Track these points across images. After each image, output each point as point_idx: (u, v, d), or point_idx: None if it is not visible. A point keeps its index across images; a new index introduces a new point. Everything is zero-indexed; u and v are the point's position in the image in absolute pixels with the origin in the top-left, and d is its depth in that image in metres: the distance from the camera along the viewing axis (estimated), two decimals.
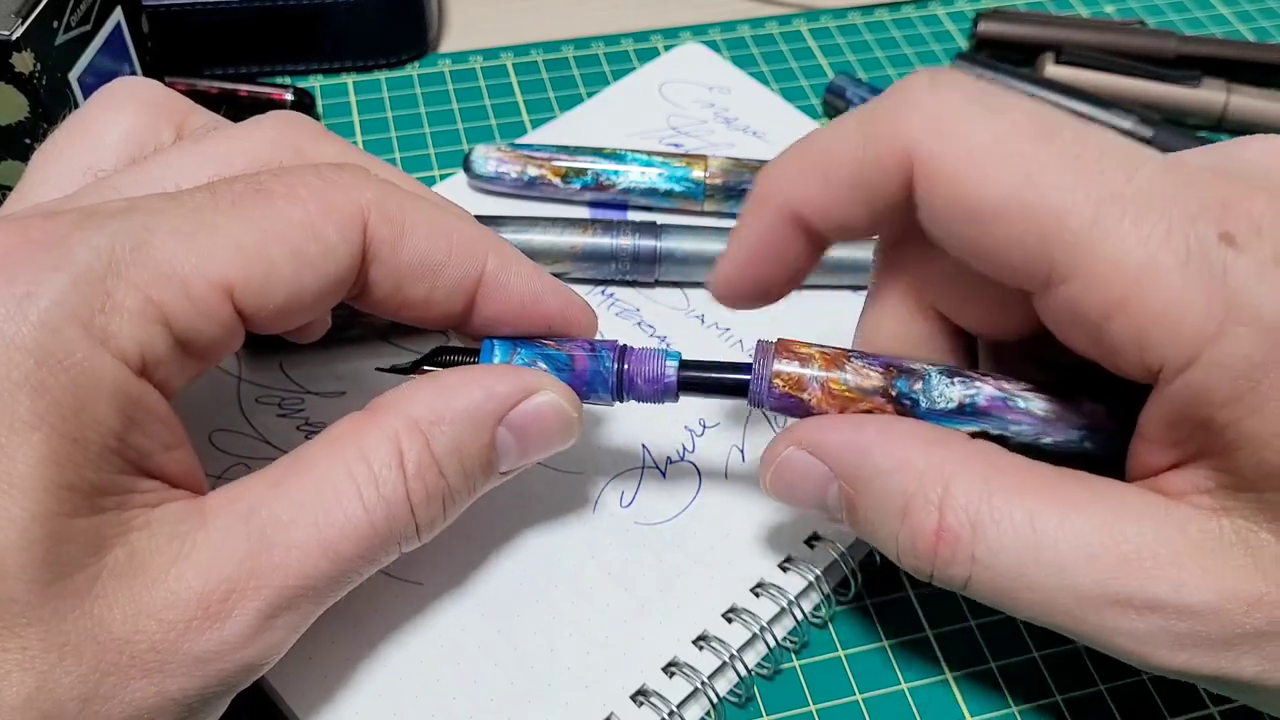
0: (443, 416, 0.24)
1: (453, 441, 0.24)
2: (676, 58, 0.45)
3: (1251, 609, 0.21)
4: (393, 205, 0.24)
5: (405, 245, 0.24)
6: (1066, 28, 0.47)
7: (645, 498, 0.31)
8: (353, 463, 0.23)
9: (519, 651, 0.28)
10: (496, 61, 0.47)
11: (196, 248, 0.21)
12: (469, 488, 0.25)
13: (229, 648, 0.21)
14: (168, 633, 0.20)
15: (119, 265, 0.20)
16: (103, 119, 0.26)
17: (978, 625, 0.30)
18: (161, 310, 0.21)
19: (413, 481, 0.23)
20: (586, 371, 0.26)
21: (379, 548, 0.23)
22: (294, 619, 0.22)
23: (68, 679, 0.19)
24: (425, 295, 0.25)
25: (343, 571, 0.23)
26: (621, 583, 0.29)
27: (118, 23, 0.38)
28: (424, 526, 0.24)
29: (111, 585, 0.20)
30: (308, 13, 0.44)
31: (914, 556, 0.24)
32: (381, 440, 0.23)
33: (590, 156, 0.39)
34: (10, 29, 0.32)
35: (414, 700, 0.27)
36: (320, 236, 0.22)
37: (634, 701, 0.27)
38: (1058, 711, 0.29)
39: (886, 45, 0.49)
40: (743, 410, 0.33)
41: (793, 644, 0.29)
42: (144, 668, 0.20)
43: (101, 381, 0.20)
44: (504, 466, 0.25)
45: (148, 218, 0.21)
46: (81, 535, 0.20)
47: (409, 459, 0.23)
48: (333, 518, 0.22)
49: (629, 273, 0.36)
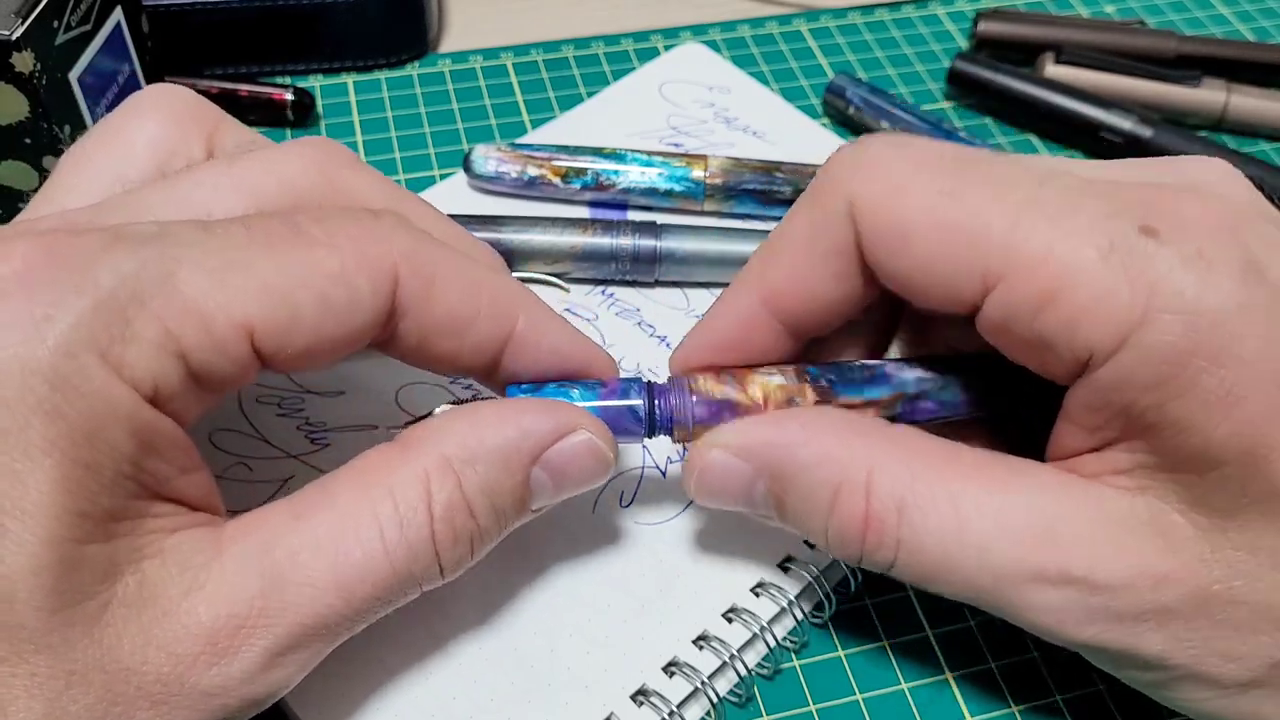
0: (476, 455, 0.23)
1: (485, 481, 0.23)
2: (676, 58, 0.45)
3: (1159, 585, 0.22)
4: (425, 258, 0.23)
5: (436, 300, 0.24)
6: (1066, 28, 0.47)
7: (645, 498, 0.31)
8: (378, 500, 0.22)
9: (519, 651, 0.28)
10: (496, 61, 0.47)
11: (223, 284, 0.21)
12: (499, 527, 0.24)
13: (235, 683, 0.21)
14: (175, 666, 0.20)
15: (142, 294, 0.20)
16: (132, 126, 0.26)
17: (977, 625, 0.30)
18: (179, 344, 0.20)
19: (439, 524, 0.23)
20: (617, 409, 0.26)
21: (397, 589, 0.23)
22: (304, 656, 0.22)
23: (74, 707, 0.19)
24: (453, 350, 0.25)
25: (358, 611, 0.22)
26: (621, 583, 0.29)
27: (118, 23, 0.38)
28: (448, 568, 0.23)
29: (121, 614, 0.20)
30: (308, 13, 0.44)
31: (842, 545, 0.25)
32: (410, 479, 0.22)
33: (590, 156, 0.39)
34: (10, 29, 0.32)
35: (414, 700, 0.27)
36: (350, 286, 0.22)
37: (634, 701, 0.27)
38: (1058, 711, 0.29)
39: (886, 45, 0.49)
40: None
41: (793, 644, 0.29)
42: (150, 699, 0.20)
43: (116, 408, 0.20)
44: (536, 504, 0.25)
45: (177, 248, 0.21)
46: (93, 562, 0.20)
47: (437, 500, 0.22)
48: (352, 557, 0.22)
49: (629, 273, 0.36)
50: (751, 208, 0.39)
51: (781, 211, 0.39)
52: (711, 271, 0.36)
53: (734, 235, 0.36)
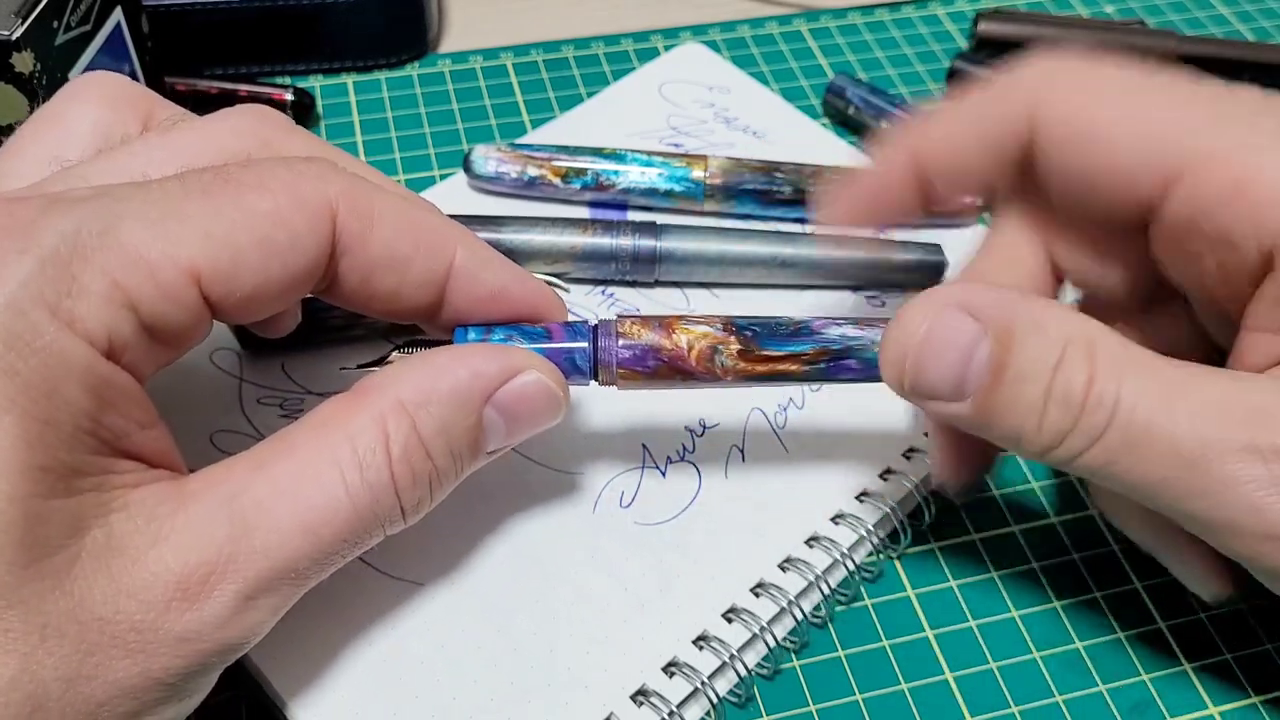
0: (429, 397, 0.23)
1: (440, 422, 0.24)
2: (676, 58, 0.45)
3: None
4: (361, 198, 0.24)
5: (374, 238, 0.24)
6: (1066, 28, 0.47)
7: (645, 498, 0.31)
8: (337, 446, 0.23)
9: (519, 651, 0.28)
10: (496, 61, 0.47)
11: (164, 234, 0.21)
12: (456, 469, 0.25)
13: (209, 628, 0.21)
14: (147, 613, 0.20)
15: (85, 250, 0.20)
16: (70, 111, 0.26)
17: (978, 625, 0.30)
18: (128, 295, 0.21)
19: (398, 465, 0.23)
20: (563, 351, 0.26)
21: (362, 531, 0.23)
22: (275, 600, 0.22)
23: (50, 660, 0.19)
24: (394, 288, 0.25)
25: (324, 554, 0.23)
26: (621, 583, 0.29)
27: (118, 23, 0.38)
28: (409, 509, 0.24)
29: (90, 566, 0.20)
30: (308, 13, 0.44)
31: (1065, 407, 0.23)
32: (367, 423, 0.23)
33: (590, 156, 0.39)
34: (10, 29, 0.32)
35: (414, 700, 0.27)
36: (288, 227, 0.23)
37: (634, 701, 0.27)
38: (1058, 711, 0.29)
39: (886, 45, 0.49)
40: (743, 410, 0.33)
41: (793, 644, 0.29)
42: (126, 648, 0.20)
43: (70, 363, 0.20)
44: (491, 446, 0.25)
45: (115, 204, 0.21)
46: (58, 517, 0.20)
47: (395, 442, 0.23)
48: (314, 501, 0.22)
49: (629, 273, 0.36)
50: (751, 208, 0.39)
51: (782, 212, 0.39)
52: (711, 271, 0.36)
53: (734, 235, 0.36)
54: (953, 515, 0.33)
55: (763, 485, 0.31)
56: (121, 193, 0.22)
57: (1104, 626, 0.30)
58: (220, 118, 0.26)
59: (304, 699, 0.27)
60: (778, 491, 0.31)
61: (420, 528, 0.30)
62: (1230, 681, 0.29)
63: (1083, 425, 0.23)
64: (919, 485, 0.31)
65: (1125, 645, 0.30)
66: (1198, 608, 0.31)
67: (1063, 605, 0.31)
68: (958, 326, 0.24)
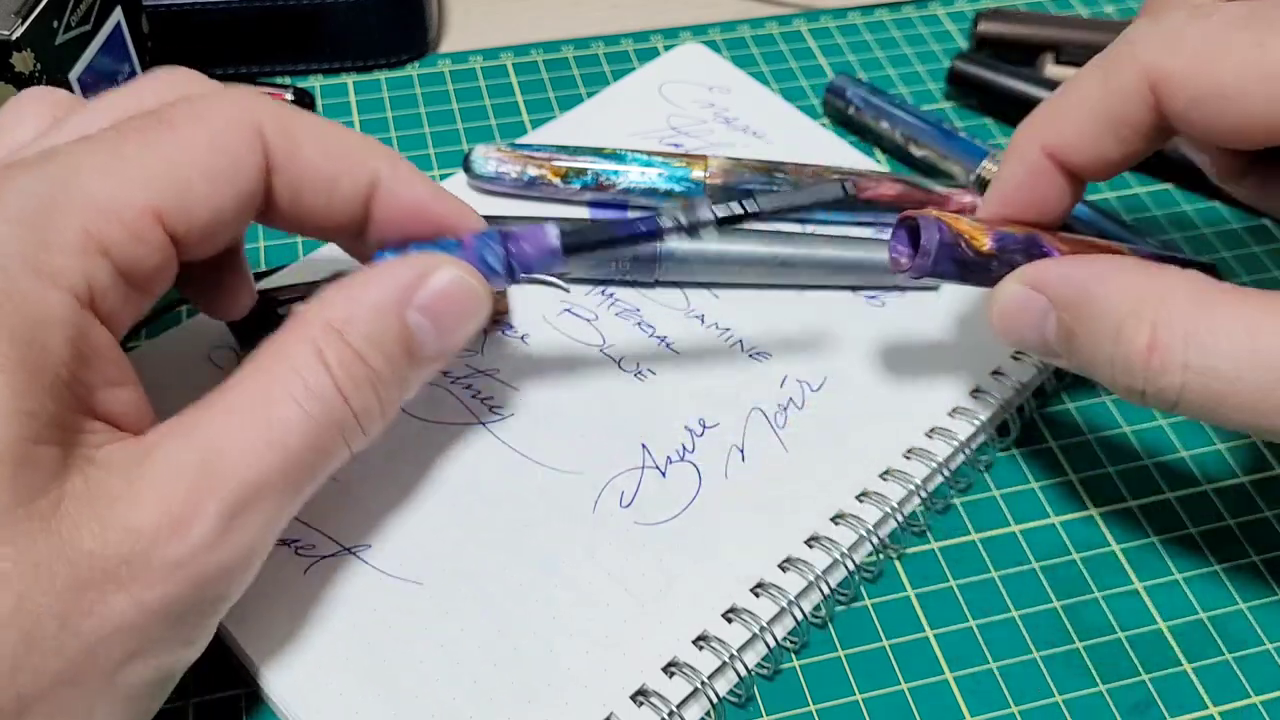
0: (353, 314, 0.24)
1: (367, 332, 0.24)
2: (676, 58, 0.45)
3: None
4: (285, 119, 0.26)
5: (301, 155, 0.26)
6: (1066, 28, 0.47)
7: (645, 498, 0.31)
8: (279, 369, 0.24)
9: (519, 651, 0.28)
10: (496, 61, 0.47)
11: (120, 179, 0.23)
12: (396, 375, 0.25)
13: (199, 550, 0.22)
14: (135, 543, 0.21)
15: (52, 205, 0.22)
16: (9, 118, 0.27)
17: (978, 625, 0.30)
18: (100, 242, 0.22)
19: (337, 374, 0.24)
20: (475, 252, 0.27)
21: (323, 438, 0.24)
22: (258, 519, 0.23)
23: (45, 598, 0.20)
24: (325, 204, 0.26)
25: (293, 465, 0.23)
26: (621, 583, 0.29)
27: (118, 23, 0.38)
28: (362, 414, 0.24)
29: (75, 507, 0.21)
30: (308, 13, 0.44)
31: (1128, 373, 0.26)
32: (304, 349, 0.24)
33: (590, 156, 0.39)
34: (10, 29, 0.32)
35: (414, 700, 0.27)
36: (227, 151, 0.24)
37: (634, 701, 0.27)
38: (1058, 711, 0.29)
39: (886, 45, 0.49)
40: (743, 410, 0.33)
41: (793, 644, 0.29)
42: (118, 581, 0.21)
43: (51, 314, 0.21)
44: (428, 350, 0.26)
45: (67, 159, 0.23)
46: (44, 462, 0.20)
47: (329, 356, 0.24)
48: (271, 418, 0.23)
49: (629, 273, 0.36)
50: None
51: None
52: (711, 271, 0.36)
53: (734, 235, 0.36)
54: (953, 515, 0.33)
55: (763, 485, 0.31)
56: (69, 149, 0.23)
57: (1104, 626, 0.30)
58: (136, 81, 0.27)
59: (304, 698, 0.27)
60: (777, 491, 0.31)
61: (420, 528, 0.30)
62: (1230, 681, 0.29)
63: (1153, 390, 0.26)
64: (919, 485, 0.31)
65: (1125, 645, 0.30)
66: (1198, 608, 0.31)
67: (1063, 605, 0.31)
68: (1025, 302, 0.28)
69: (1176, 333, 0.25)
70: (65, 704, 0.21)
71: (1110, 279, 0.26)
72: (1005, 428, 0.34)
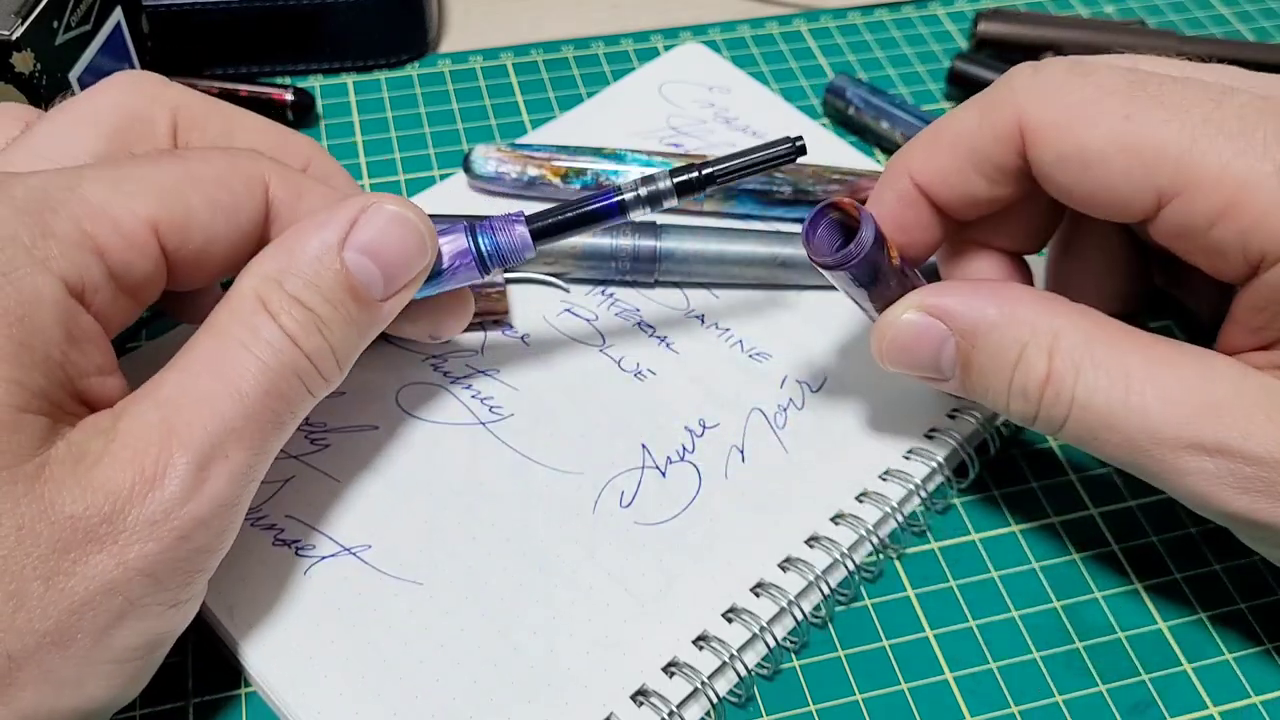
0: (290, 263, 0.25)
1: (306, 278, 0.25)
2: (676, 58, 0.45)
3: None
4: (290, 176, 0.27)
5: (301, 208, 0.27)
6: (1066, 28, 0.47)
7: (645, 498, 0.31)
8: (228, 324, 0.24)
9: (519, 651, 0.28)
10: (496, 61, 0.47)
11: (123, 189, 0.24)
12: (345, 316, 0.25)
13: (175, 504, 0.22)
14: (114, 503, 0.21)
15: (54, 203, 0.23)
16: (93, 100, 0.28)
17: (978, 625, 0.30)
18: (96, 242, 0.23)
19: (283, 319, 0.24)
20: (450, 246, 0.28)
21: (280, 383, 0.24)
22: (229, 466, 0.23)
23: (29, 560, 0.21)
24: None
25: (255, 411, 0.24)
26: (621, 583, 0.29)
27: (118, 23, 0.38)
28: (314, 356, 0.25)
29: (57, 472, 0.21)
30: (308, 13, 0.44)
31: (1024, 400, 0.27)
32: (246, 300, 0.24)
33: (590, 156, 0.39)
34: (10, 29, 0.32)
35: (414, 700, 0.27)
36: (230, 190, 0.25)
37: (634, 701, 0.27)
38: (1058, 711, 0.29)
39: (886, 45, 0.49)
40: (743, 410, 0.33)
41: (793, 644, 0.29)
42: (99, 541, 0.21)
43: (43, 295, 0.22)
44: (375, 290, 0.26)
45: (80, 169, 0.24)
46: (30, 429, 0.21)
47: (271, 304, 0.24)
48: (227, 369, 0.24)
49: (629, 273, 0.36)
50: (751, 208, 0.39)
51: (781, 211, 0.39)
52: (711, 271, 0.36)
53: (734, 235, 0.36)
54: (953, 515, 0.33)
55: (762, 485, 0.31)
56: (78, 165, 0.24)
57: (1104, 626, 0.30)
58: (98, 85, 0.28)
59: (304, 698, 0.27)
60: (778, 491, 0.31)
61: (420, 528, 0.30)
62: (1230, 681, 0.29)
63: (1043, 416, 0.27)
64: (919, 485, 0.31)
65: (1125, 645, 0.30)
66: (1198, 608, 0.31)
67: (1063, 605, 0.31)
68: (922, 329, 0.28)
69: (1070, 365, 0.26)
70: (54, 668, 0.21)
71: (1009, 307, 0.27)
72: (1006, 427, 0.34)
